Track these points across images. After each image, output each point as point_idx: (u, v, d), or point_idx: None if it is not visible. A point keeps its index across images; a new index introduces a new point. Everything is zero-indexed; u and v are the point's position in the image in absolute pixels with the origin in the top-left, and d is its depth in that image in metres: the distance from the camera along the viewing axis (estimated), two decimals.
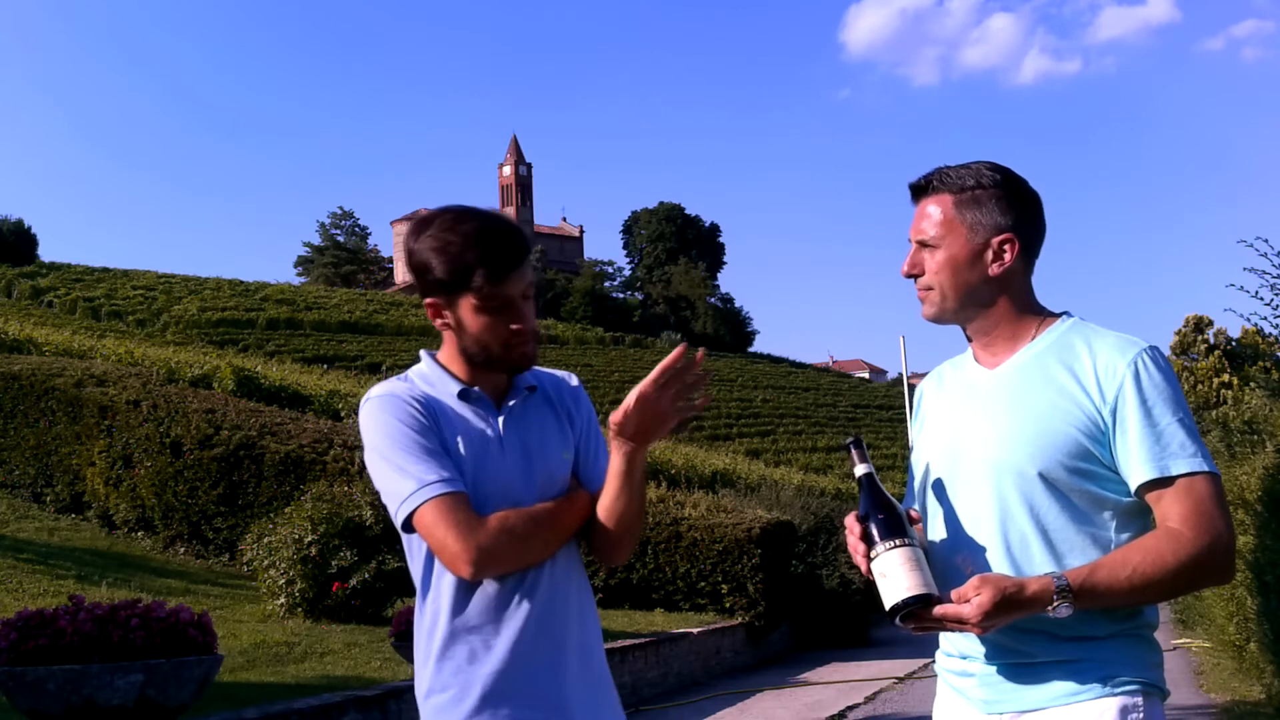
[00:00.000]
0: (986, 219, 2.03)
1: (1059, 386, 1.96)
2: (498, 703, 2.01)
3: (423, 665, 2.07)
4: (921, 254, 2.07)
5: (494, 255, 2.02)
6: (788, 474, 30.95)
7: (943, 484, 2.05)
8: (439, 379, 2.12)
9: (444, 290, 2.05)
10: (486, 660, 2.02)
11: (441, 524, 1.96)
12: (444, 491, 1.97)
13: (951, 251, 2.04)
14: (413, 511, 1.98)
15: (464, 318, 2.06)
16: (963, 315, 2.08)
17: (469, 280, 2.02)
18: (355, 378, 32.23)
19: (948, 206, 2.05)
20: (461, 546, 1.95)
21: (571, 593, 2.11)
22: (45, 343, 18.81)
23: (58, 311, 55.41)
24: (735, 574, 12.67)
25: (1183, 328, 40.69)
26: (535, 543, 2.03)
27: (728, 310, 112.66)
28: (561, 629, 2.07)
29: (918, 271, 2.08)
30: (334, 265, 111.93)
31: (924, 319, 2.11)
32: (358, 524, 9.43)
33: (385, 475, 2.03)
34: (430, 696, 2.05)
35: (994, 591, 1.83)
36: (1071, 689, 1.90)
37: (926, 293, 2.08)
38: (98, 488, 12.52)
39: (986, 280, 2.03)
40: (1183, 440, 1.89)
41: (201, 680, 4.48)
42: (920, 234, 2.07)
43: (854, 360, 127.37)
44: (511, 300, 2.05)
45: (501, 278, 2.03)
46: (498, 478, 2.06)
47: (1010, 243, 2.03)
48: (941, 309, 2.07)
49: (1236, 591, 8.32)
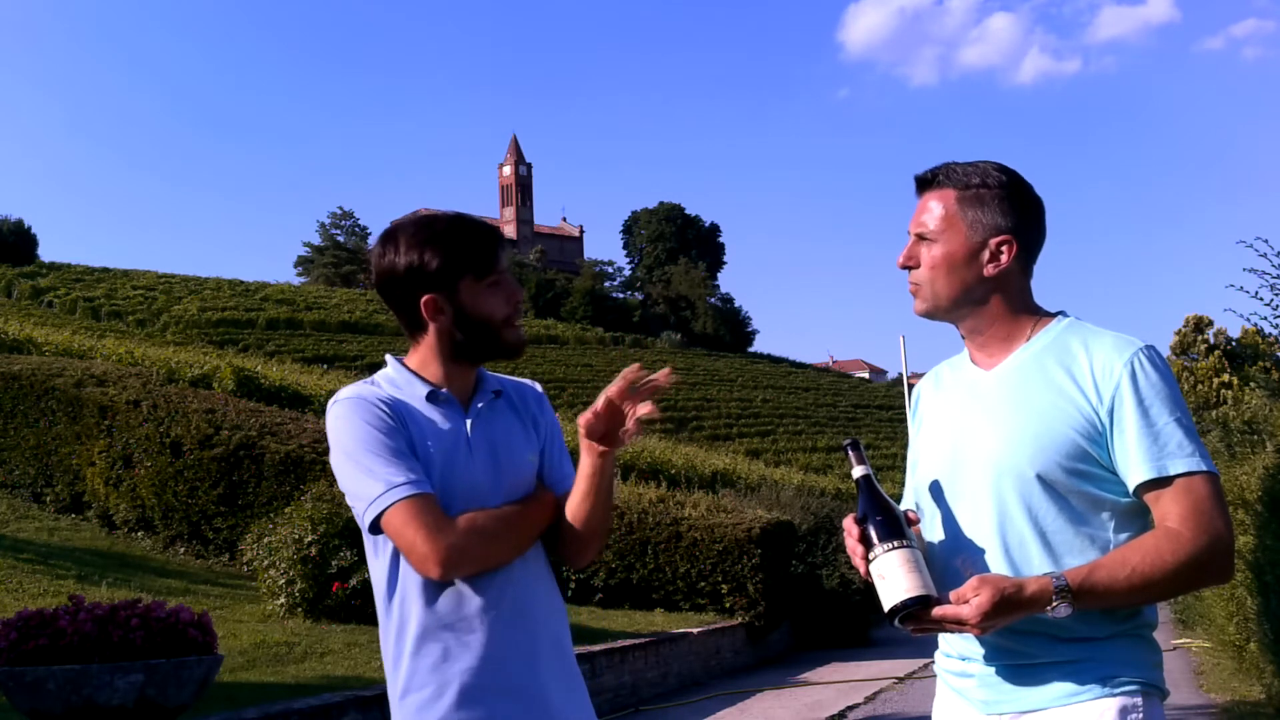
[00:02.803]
0: (987, 218, 2.02)
1: (1056, 387, 1.95)
2: (477, 697, 2.02)
3: (395, 666, 2.08)
4: (919, 247, 2.07)
5: (477, 234, 2.14)
6: (788, 474, 30.95)
7: (941, 486, 2.05)
8: (406, 382, 2.15)
9: (443, 278, 2.10)
10: (462, 657, 2.03)
11: (410, 525, 1.98)
12: (412, 493, 1.99)
13: (949, 248, 2.03)
14: (381, 513, 2.00)
15: (465, 300, 2.11)
16: (955, 313, 2.07)
17: (466, 259, 2.10)
18: (355, 378, 32.11)
19: (950, 202, 2.04)
20: (431, 548, 1.97)
21: (541, 590, 2.13)
22: (45, 343, 18.80)
23: (58, 311, 55.40)
24: (735, 574, 12.67)
25: (1183, 328, 40.64)
26: (503, 543, 2.06)
27: (728, 310, 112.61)
28: (534, 624, 2.09)
29: (913, 264, 2.07)
30: (334, 265, 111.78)
31: (915, 314, 2.10)
32: (358, 524, 9.42)
33: (352, 477, 2.05)
34: (407, 695, 2.05)
35: (993, 592, 1.82)
36: (1071, 689, 1.90)
37: (918, 287, 2.07)
38: (98, 488, 12.52)
39: (981, 279, 2.03)
40: (1180, 440, 1.89)
41: (201, 680, 4.48)
42: (920, 227, 2.07)
43: (854, 360, 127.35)
44: (504, 272, 2.16)
45: (493, 250, 2.14)
46: (465, 479, 2.08)
47: (1008, 244, 2.02)
48: (934, 305, 2.07)
49: (1236, 591, 8.32)
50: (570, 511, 2.12)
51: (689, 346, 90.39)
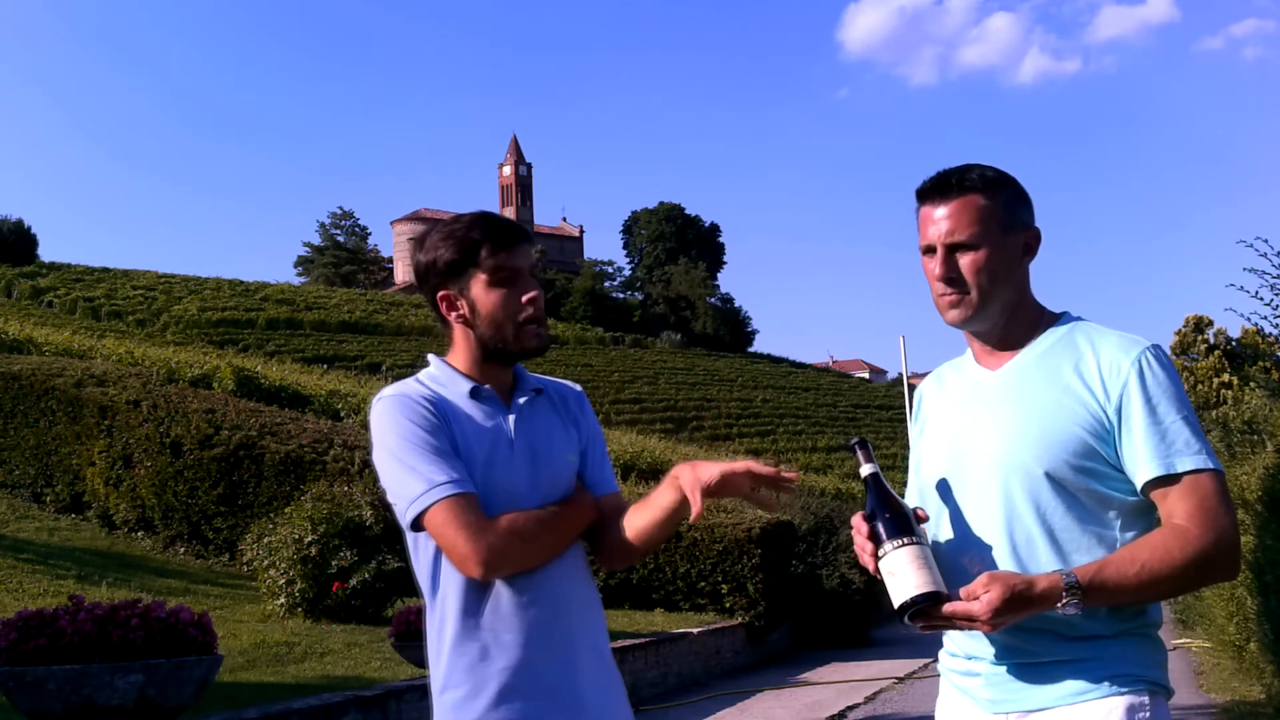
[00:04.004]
0: (1018, 217, 2.02)
1: (1064, 386, 1.95)
2: (512, 698, 2.03)
3: (435, 662, 2.10)
4: (954, 257, 2.00)
5: (495, 230, 2.12)
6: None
7: (948, 485, 2.04)
8: (449, 379, 2.15)
9: (455, 273, 2.12)
10: (499, 656, 2.04)
11: (451, 525, 1.99)
12: (454, 492, 2.00)
13: (995, 249, 1.98)
14: (422, 512, 2.01)
15: (476, 297, 2.12)
16: (995, 315, 2.01)
17: (476, 256, 2.11)
18: (355, 378, 32.22)
19: (981, 206, 1.99)
20: (471, 548, 1.98)
21: (578, 592, 2.14)
22: (45, 343, 18.79)
23: (58, 311, 55.42)
24: (735, 574, 12.67)
25: (1183, 328, 40.67)
26: (543, 545, 2.06)
27: (728, 310, 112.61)
28: (571, 627, 2.10)
29: (955, 274, 2.00)
30: (334, 265, 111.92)
31: (951, 324, 2.04)
32: (358, 524, 9.42)
33: (394, 475, 2.05)
34: (445, 692, 2.08)
35: (1003, 589, 1.82)
36: (1078, 688, 1.90)
37: (962, 296, 2.00)
38: (98, 488, 12.52)
39: (1019, 278, 2.02)
40: (1188, 438, 1.89)
41: (201, 680, 4.48)
42: (951, 236, 1.99)
43: (854, 360, 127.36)
44: (520, 271, 2.12)
45: (507, 247, 2.11)
46: (505, 478, 2.08)
47: (1037, 240, 2.03)
48: (979, 310, 2.00)
49: (1236, 591, 8.32)
50: (634, 530, 2.11)
51: (689, 346, 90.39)
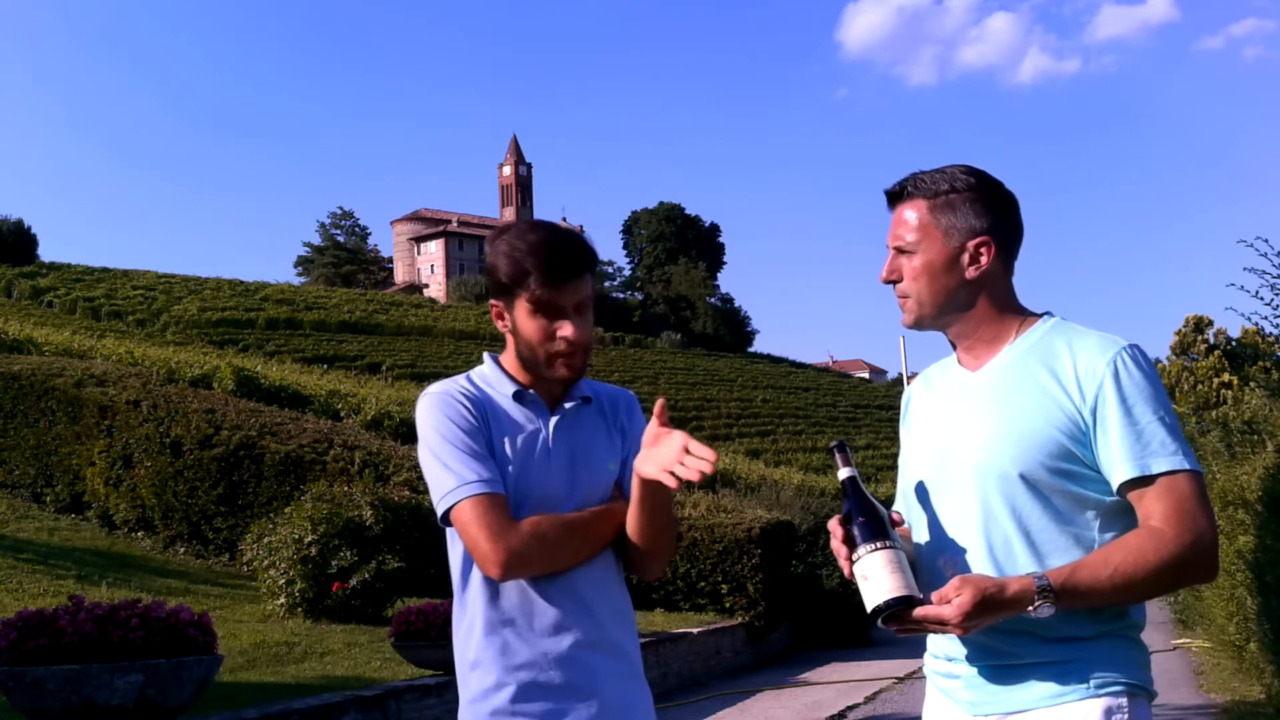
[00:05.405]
0: (961, 223, 2.04)
1: (1040, 387, 1.96)
2: (534, 695, 2.07)
3: (462, 653, 2.15)
4: (899, 260, 2.08)
5: (550, 262, 2.10)
6: (788, 474, 30.94)
7: (928, 487, 2.06)
8: (497, 380, 2.21)
9: (505, 292, 2.16)
10: (523, 653, 2.08)
11: (475, 523, 2.04)
12: (481, 492, 2.05)
13: (928, 257, 2.05)
14: (450, 507, 2.06)
15: (518, 319, 2.15)
16: (942, 320, 2.08)
17: (525, 282, 2.11)
18: (355, 378, 32.26)
19: (923, 212, 2.06)
20: (491, 548, 2.02)
21: (606, 594, 2.16)
22: (45, 343, 18.80)
23: (58, 311, 55.40)
24: (735, 574, 12.68)
25: (1183, 328, 40.63)
26: (566, 550, 2.09)
27: (727, 310, 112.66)
28: (596, 626, 2.13)
29: (896, 277, 2.09)
30: (334, 265, 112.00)
31: (904, 326, 2.12)
32: (358, 524, 9.43)
33: (431, 469, 2.11)
34: (471, 680, 2.13)
35: (974, 592, 1.83)
36: (1056, 690, 1.91)
37: (905, 299, 2.09)
38: (98, 488, 12.53)
39: (964, 284, 2.04)
40: (1163, 439, 1.90)
41: (201, 680, 4.49)
42: (897, 240, 2.08)
43: (854, 360, 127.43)
44: (562, 308, 2.12)
45: (555, 284, 2.10)
46: (540, 481, 2.12)
47: (987, 245, 2.03)
48: (919, 315, 2.08)
49: (1236, 591, 8.32)
50: (631, 531, 2.14)
51: (689, 346, 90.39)
